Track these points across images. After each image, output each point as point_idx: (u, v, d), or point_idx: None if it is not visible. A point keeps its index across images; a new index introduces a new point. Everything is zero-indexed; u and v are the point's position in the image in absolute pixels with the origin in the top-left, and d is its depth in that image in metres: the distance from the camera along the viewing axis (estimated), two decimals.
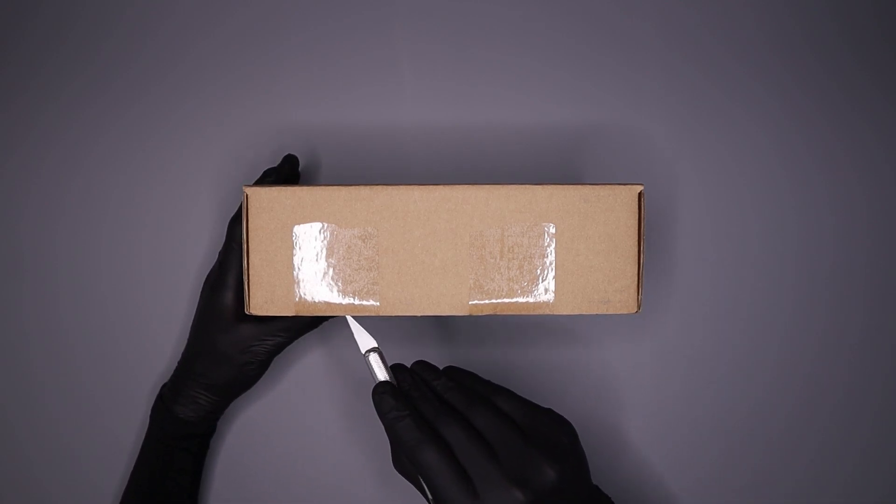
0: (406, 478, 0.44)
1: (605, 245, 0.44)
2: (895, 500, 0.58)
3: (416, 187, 0.44)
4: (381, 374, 0.44)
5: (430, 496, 0.41)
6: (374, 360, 0.45)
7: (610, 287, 0.44)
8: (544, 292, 0.44)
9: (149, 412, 0.54)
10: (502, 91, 0.56)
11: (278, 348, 0.49)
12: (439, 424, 0.40)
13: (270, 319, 0.48)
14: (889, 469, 0.58)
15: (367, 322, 0.57)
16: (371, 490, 0.57)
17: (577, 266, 0.44)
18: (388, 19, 0.56)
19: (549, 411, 0.43)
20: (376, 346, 0.45)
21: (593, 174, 0.56)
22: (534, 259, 0.44)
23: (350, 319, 0.45)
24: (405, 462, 0.43)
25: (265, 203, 0.44)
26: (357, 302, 0.44)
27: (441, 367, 0.46)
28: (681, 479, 0.58)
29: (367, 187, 0.44)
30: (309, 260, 0.44)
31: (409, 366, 0.46)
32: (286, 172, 0.52)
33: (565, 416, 0.43)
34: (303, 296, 0.44)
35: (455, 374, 0.45)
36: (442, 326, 0.57)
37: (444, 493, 0.39)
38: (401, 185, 0.44)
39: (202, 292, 0.50)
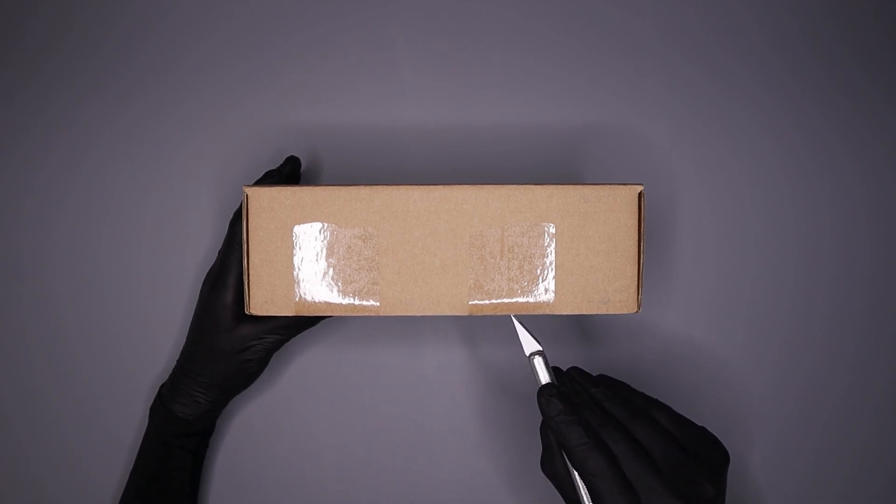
0: (553, 481, 0.44)
1: (605, 245, 0.44)
2: (895, 500, 0.58)
3: (415, 187, 0.44)
4: (544, 377, 0.45)
5: (586, 502, 0.42)
6: (539, 363, 0.45)
7: (610, 287, 0.44)
8: (544, 292, 0.44)
9: (148, 411, 0.54)
10: (502, 91, 0.56)
11: (277, 346, 0.50)
12: (604, 434, 0.41)
13: (269, 318, 0.48)
14: (889, 469, 0.58)
15: (369, 321, 0.57)
16: (370, 489, 0.57)
17: (577, 266, 0.44)
18: (388, 19, 0.56)
19: (704, 430, 0.44)
20: (541, 349, 0.45)
21: (593, 174, 0.56)
22: (534, 259, 0.44)
23: (515, 322, 0.46)
24: (558, 465, 0.43)
25: (265, 203, 0.44)
26: (357, 302, 0.44)
27: (594, 375, 0.47)
28: None
29: (367, 187, 0.44)
30: (309, 260, 0.44)
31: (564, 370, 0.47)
32: (287, 173, 0.52)
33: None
34: (303, 296, 0.44)
35: (611, 384, 0.46)
36: (442, 326, 0.57)
37: (608, 499, 0.40)
38: (401, 185, 0.44)
39: (201, 291, 0.50)
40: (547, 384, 0.44)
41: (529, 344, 0.45)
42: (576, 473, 0.42)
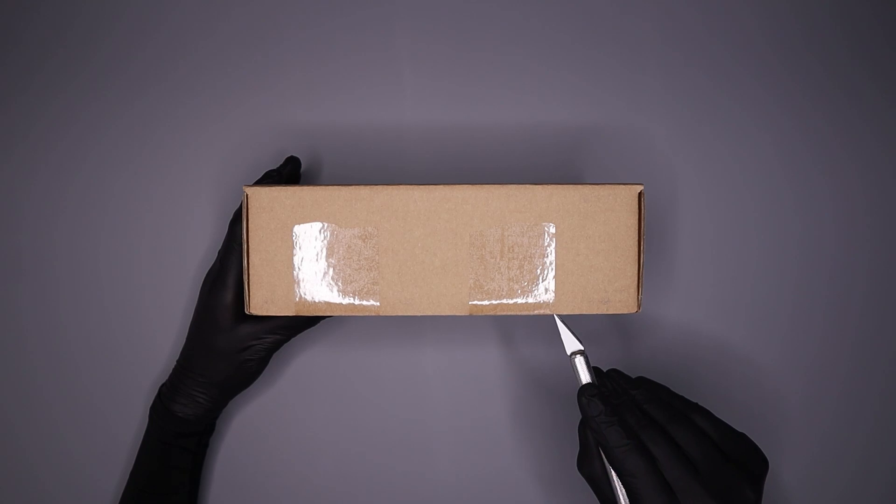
0: (590, 481, 0.44)
1: (605, 245, 0.44)
2: (895, 500, 0.58)
3: (416, 187, 0.44)
4: (585, 377, 0.44)
5: (623, 503, 0.42)
6: (580, 362, 0.45)
7: (610, 287, 0.44)
8: (544, 292, 0.44)
9: (148, 411, 0.54)
10: (502, 91, 0.56)
11: (277, 346, 0.50)
12: (644, 436, 0.41)
13: (269, 318, 0.48)
14: (889, 469, 0.58)
15: (369, 321, 0.57)
16: (370, 489, 0.57)
17: (577, 266, 0.44)
18: (388, 19, 0.56)
19: (743, 435, 0.44)
20: (582, 348, 0.45)
21: (593, 174, 0.56)
22: (534, 259, 0.44)
23: (558, 321, 0.46)
24: (596, 466, 0.43)
25: (265, 203, 0.44)
26: (357, 302, 0.44)
27: (633, 377, 0.47)
28: None
29: (367, 187, 0.44)
30: (309, 260, 0.44)
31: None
32: (287, 174, 0.52)
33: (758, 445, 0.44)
34: (303, 295, 0.44)
35: (651, 386, 0.46)
36: (442, 326, 0.57)
37: (647, 500, 0.40)
38: (401, 185, 0.44)
39: (201, 291, 0.50)
40: (587, 384, 0.44)
41: (571, 343, 0.45)
42: (614, 474, 0.42)
